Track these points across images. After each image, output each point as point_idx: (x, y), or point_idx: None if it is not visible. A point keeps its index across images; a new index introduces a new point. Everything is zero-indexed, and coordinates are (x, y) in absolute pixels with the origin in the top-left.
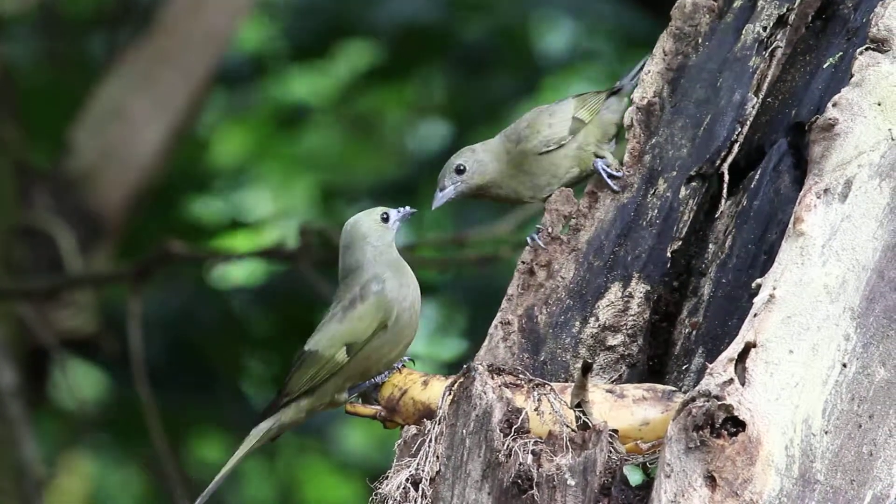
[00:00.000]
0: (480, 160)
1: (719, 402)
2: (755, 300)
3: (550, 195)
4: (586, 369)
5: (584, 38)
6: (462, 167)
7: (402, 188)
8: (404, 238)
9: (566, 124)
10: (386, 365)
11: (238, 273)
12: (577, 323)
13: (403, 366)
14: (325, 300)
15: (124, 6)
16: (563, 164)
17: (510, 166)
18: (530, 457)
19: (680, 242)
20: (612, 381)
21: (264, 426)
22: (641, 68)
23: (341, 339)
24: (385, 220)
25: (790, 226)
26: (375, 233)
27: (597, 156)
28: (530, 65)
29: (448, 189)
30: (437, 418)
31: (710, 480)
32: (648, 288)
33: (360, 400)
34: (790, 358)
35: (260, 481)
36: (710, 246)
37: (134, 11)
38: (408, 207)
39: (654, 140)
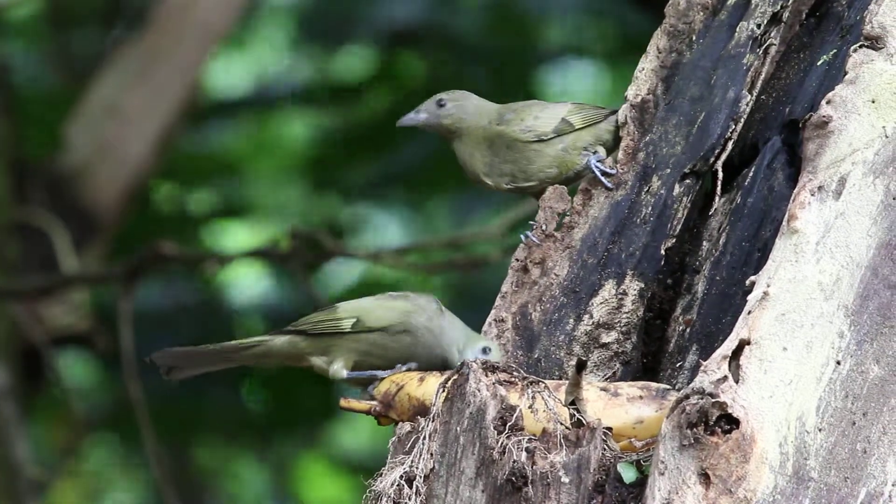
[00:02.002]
0: (463, 107)
1: (713, 400)
2: (749, 297)
3: (506, 186)
4: (580, 367)
5: (579, 32)
6: (443, 103)
7: (393, 180)
8: (401, 239)
9: (553, 122)
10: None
11: (232, 273)
12: (571, 320)
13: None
14: (316, 300)
15: (118, 1)
16: (538, 161)
17: (482, 137)
18: (524, 454)
19: (674, 240)
20: (606, 379)
21: (259, 338)
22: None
23: (361, 311)
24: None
25: (784, 223)
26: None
27: (589, 152)
28: (526, 58)
29: (421, 115)
30: (431, 415)
31: (704, 478)
32: (642, 285)
33: (356, 392)
34: (784, 355)
35: (254, 477)
36: (704, 243)
37: (128, 7)
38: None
39: (648, 137)
